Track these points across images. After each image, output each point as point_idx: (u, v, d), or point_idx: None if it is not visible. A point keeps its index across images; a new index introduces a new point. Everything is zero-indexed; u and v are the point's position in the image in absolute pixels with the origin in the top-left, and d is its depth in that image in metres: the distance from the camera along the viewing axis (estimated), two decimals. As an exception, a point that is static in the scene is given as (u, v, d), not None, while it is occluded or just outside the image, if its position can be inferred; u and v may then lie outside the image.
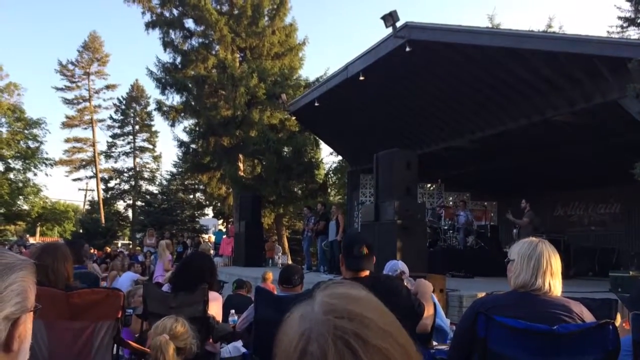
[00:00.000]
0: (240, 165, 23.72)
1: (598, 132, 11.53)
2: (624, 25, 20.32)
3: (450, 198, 16.90)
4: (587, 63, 9.24)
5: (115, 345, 3.21)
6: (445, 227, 13.95)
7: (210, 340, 3.87)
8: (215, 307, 3.98)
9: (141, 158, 43.27)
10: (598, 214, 15.64)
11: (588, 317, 2.37)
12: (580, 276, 12.08)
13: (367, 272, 3.03)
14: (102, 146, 43.09)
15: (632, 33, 20.80)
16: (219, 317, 4.07)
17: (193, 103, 23.32)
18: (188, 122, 25.27)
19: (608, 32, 21.69)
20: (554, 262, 2.40)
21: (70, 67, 41.47)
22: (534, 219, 11.51)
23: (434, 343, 3.42)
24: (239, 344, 4.28)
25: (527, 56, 9.82)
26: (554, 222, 16.03)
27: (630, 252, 11.67)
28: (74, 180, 43.59)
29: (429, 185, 17.26)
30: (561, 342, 2.24)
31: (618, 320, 3.29)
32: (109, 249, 22.72)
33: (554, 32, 19.31)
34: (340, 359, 0.65)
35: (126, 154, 42.69)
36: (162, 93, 23.37)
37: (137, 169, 42.54)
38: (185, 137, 25.74)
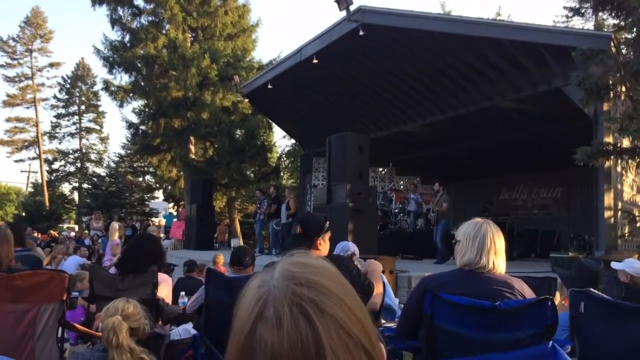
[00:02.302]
0: (192, 147, 23.33)
1: (542, 118, 11.93)
2: (569, 15, 20.95)
3: (401, 182, 17.17)
4: (533, 51, 9.51)
5: (61, 328, 3.13)
6: (396, 211, 14.18)
7: (160, 322, 3.83)
8: (164, 289, 3.94)
9: (87, 139, 41.99)
10: (541, 197, 16.23)
11: (528, 293, 2.48)
12: (523, 257, 12.54)
13: (314, 253, 3.04)
14: (45, 126, 41.54)
15: (577, 23, 21.51)
16: (168, 299, 4.03)
17: (142, 83, 22.70)
18: (137, 103, 24.62)
19: (554, 21, 22.37)
20: (498, 242, 2.49)
21: (12, 43, 39.58)
22: (450, 202, 11.35)
23: (383, 321, 3.50)
24: (189, 326, 4.25)
25: (476, 43, 10.03)
26: (500, 205, 16.55)
27: (570, 235, 12.18)
28: (16, 161, 41.96)
29: (380, 169, 17.47)
30: (503, 317, 2.33)
31: (557, 298, 3.45)
32: (53, 233, 22.02)
33: (502, 20, 19.74)
34: (294, 324, 0.66)
35: (71, 134, 41.31)
36: (110, 72, 22.62)
37: (83, 151, 41.23)
38: (134, 118, 25.09)
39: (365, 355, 0.69)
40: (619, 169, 9.29)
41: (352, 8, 10.41)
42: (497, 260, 2.47)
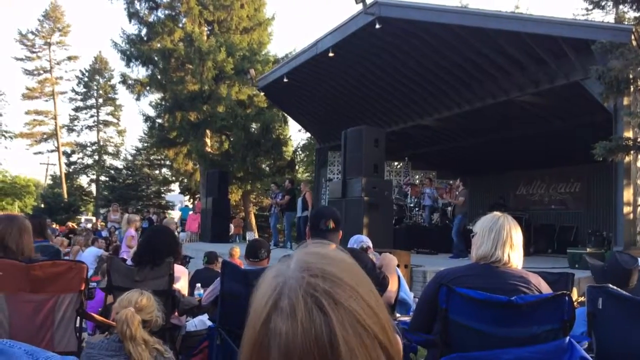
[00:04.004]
0: (208, 140, 23.45)
1: (561, 112, 11.79)
2: (589, 7, 20.63)
3: (417, 176, 17.10)
4: (552, 44, 9.39)
5: (79, 318, 3.18)
6: (412, 205, 14.14)
7: (176, 313, 3.87)
8: (181, 281, 3.98)
9: (105, 132, 42.41)
10: (558, 192, 16.05)
11: (545, 288, 2.45)
12: (540, 253, 12.44)
13: (332, 246, 3.04)
14: (64, 119, 42.04)
15: (597, 16, 21.20)
16: (184, 290, 4.06)
17: (159, 77, 22.86)
18: (154, 96, 24.86)
19: (574, 14, 22.08)
20: (514, 235, 2.46)
21: (31, 36, 40.15)
22: (467, 197, 11.41)
23: (397, 315, 3.49)
24: (204, 317, 4.29)
25: (494, 36, 9.92)
26: (517, 200, 16.42)
27: (588, 230, 12.03)
28: (35, 153, 42.57)
29: (396, 163, 17.42)
30: (519, 312, 2.31)
31: (574, 294, 3.40)
32: (71, 224, 22.30)
33: (520, 13, 19.49)
34: (308, 314, 0.66)
35: (89, 127, 41.77)
36: (127, 66, 22.84)
37: (101, 143, 41.65)
38: (151, 112, 25.32)
39: (380, 347, 0.69)
40: (638, 164, 9.15)
41: (368, 1, 10.36)
42: (513, 254, 2.44)
